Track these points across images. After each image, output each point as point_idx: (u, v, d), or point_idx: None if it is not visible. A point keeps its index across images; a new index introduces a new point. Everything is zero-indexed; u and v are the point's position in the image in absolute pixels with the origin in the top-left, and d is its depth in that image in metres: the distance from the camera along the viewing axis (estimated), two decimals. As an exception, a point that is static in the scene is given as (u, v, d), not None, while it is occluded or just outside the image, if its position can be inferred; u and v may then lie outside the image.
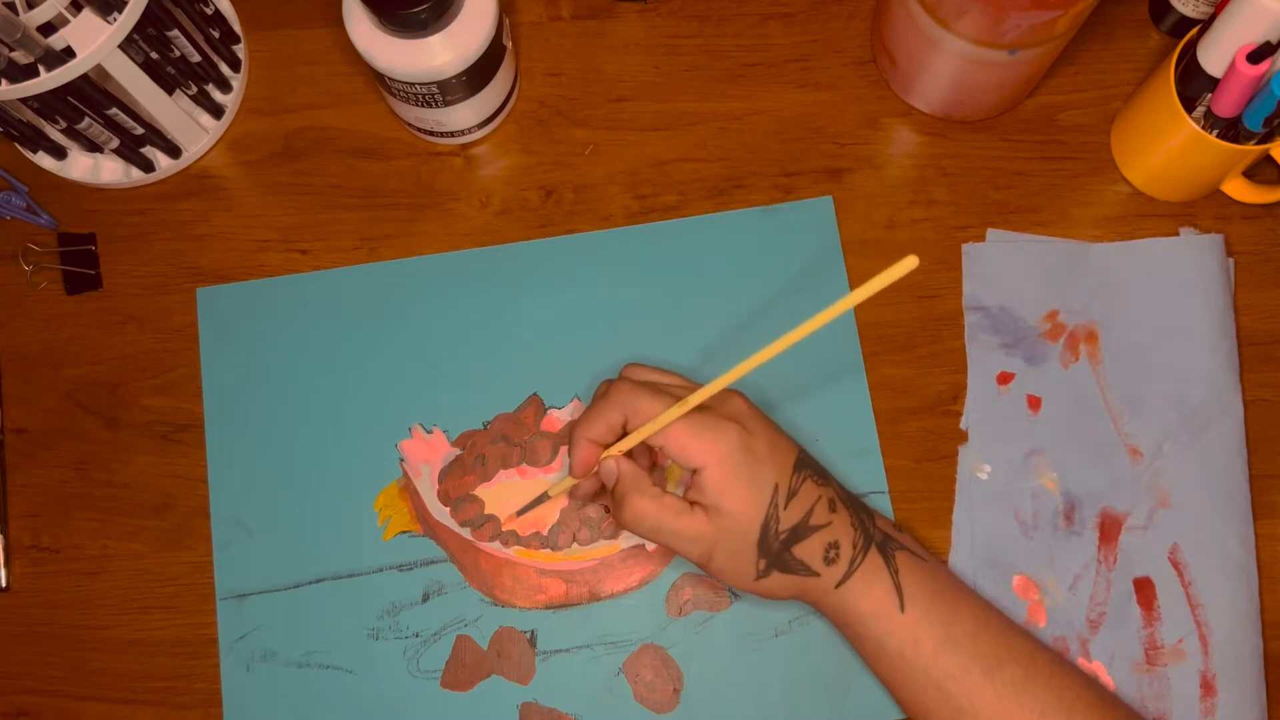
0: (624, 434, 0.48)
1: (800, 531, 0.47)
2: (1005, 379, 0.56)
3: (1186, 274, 0.57)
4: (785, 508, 0.46)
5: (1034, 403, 0.56)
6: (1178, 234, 0.58)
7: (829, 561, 0.47)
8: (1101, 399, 0.56)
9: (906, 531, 0.50)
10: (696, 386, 0.49)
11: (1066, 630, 0.53)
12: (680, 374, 0.50)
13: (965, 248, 0.58)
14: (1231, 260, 0.58)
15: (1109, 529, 0.54)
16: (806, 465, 0.48)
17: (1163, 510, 0.54)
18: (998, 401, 0.56)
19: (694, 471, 0.46)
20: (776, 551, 0.46)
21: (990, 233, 0.58)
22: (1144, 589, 0.54)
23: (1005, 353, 0.57)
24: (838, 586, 0.47)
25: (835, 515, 0.47)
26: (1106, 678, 0.53)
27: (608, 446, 0.48)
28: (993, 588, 0.54)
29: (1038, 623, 0.53)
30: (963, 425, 0.56)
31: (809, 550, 0.47)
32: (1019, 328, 0.57)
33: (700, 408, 0.46)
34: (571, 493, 0.52)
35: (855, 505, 0.49)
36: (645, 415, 0.46)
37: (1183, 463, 0.55)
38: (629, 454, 0.48)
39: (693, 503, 0.47)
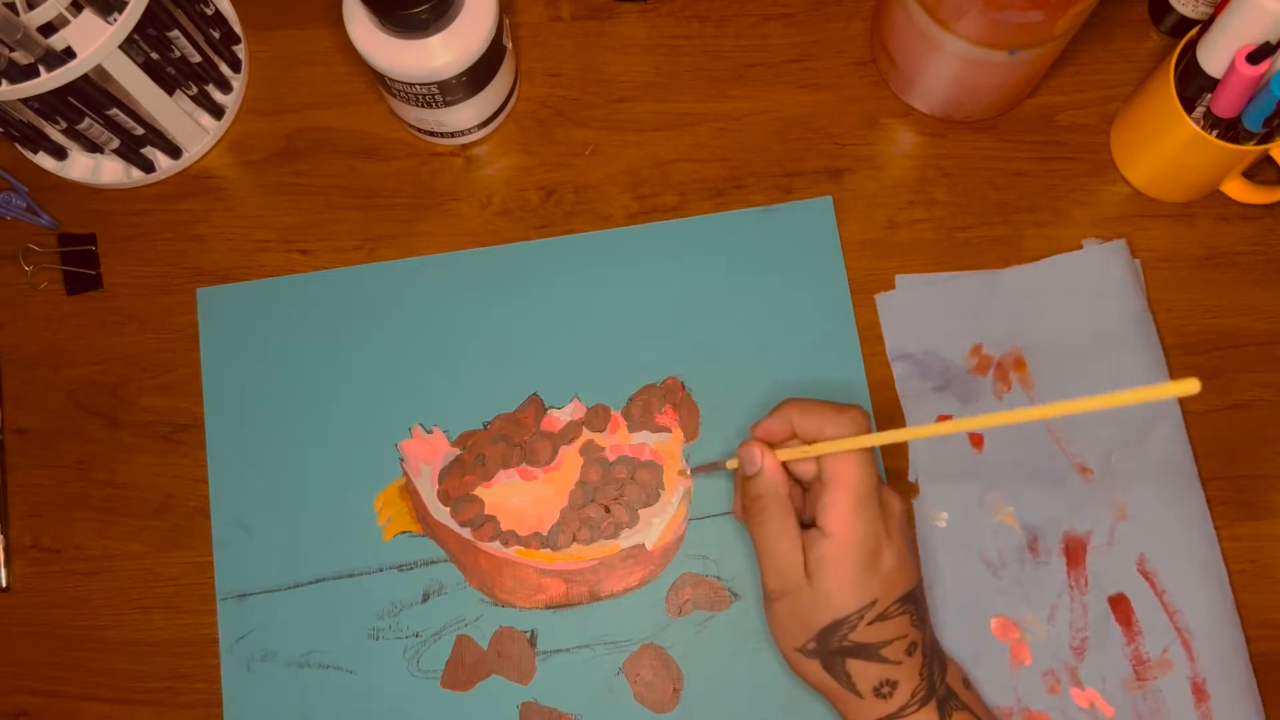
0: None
1: (865, 652, 0.45)
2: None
3: (1096, 284, 0.57)
4: (869, 624, 0.45)
5: (977, 441, 0.56)
6: (1114, 240, 0.58)
7: (879, 695, 0.45)
8: (1041, 423, 0.56)
9: (974, 690, 0.49)
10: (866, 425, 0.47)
11: (1053, 662, 0.53)
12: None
13: (879, 298, 0.57)
14: (1138, 261, 0.58)
15: (1074, 552, 0.54)
16: (913, 602, 0.47)
17: (1122, 523, 0.54)
18: (941, 446, 0.56)
19: (819, 528, 0.45)
20: (831, 649, 0.45)
21: (899, 278, 0.58)
22: (1120, 605, 0.53)
23: (939, 396, 0.56)
24: None
25: (909, 659, 0.46)
26: (1103, 704, 0.52)
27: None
28: (971, 633, 0.53)
29: (1023, 661, 0.53)
30: (911, 478, 0.55)
31: (863, 672, 0.45)
32: (947, 368, 0.56)
33: (876, 486, 0.45)
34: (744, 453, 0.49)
35: (934, 656, 0.47)
36: (828, 437, 0.46)
37: (1132, 472, 0.55)
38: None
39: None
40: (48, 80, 0.49)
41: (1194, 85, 0.53)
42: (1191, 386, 0.34)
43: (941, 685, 0.47)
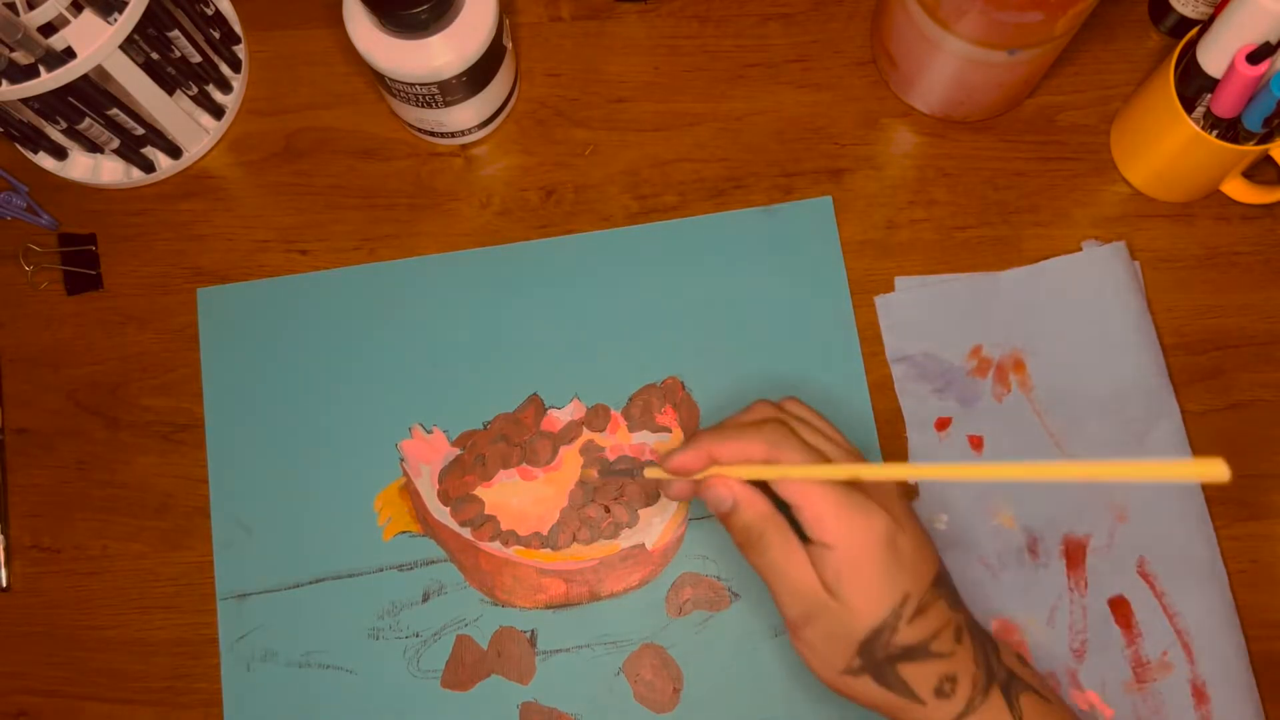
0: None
1: (915, 653, 0.41)
2: (943, 424, 0.56)
3: (1097, 286, 0.57)
4: (909, 622, 0.41)
5: (976, 442, 0.56)
6: (1096, 245, 0.58)
7: (941, 695, 0.41)
8: (1041, 425, 0.55)
9: (1030, 665, 0.45)
10: (853, 453, 0.44)
11: (1053, 664, 0.53)
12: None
13: (878, 300, 0.57)
14: (1137, 263, 0.58)
15: (1074, 554, 0.54)
16: (944, 584, 0.43)
17: (1122, 525, 0.54)
18: (940, 448, 0.56)
19: (817, 543, 0.41)
20: (880, 660, 0.41)
21: (898, 280, 0.58)
22: (1120, 608, 0.53)
23: (938, 398, 0.56)
24: None
25: (959, 647, 0.42)
26: (1102, 706, 0.52)
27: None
28: None
29: None
30: (910, 480, 0.55)
31: (919, 675, 0.41)
32: (946, 370, 0.56)
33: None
34: (665, 488, 0.46)
35: (981, 638, 0.43)
36: (785, 463, 0.41)
37: None
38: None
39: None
40: (48, 80, 0.49)
41: (1194, 85, 0.53)
42: (1219, 473, 0.31)
43: (1000, 667, 0.43)
